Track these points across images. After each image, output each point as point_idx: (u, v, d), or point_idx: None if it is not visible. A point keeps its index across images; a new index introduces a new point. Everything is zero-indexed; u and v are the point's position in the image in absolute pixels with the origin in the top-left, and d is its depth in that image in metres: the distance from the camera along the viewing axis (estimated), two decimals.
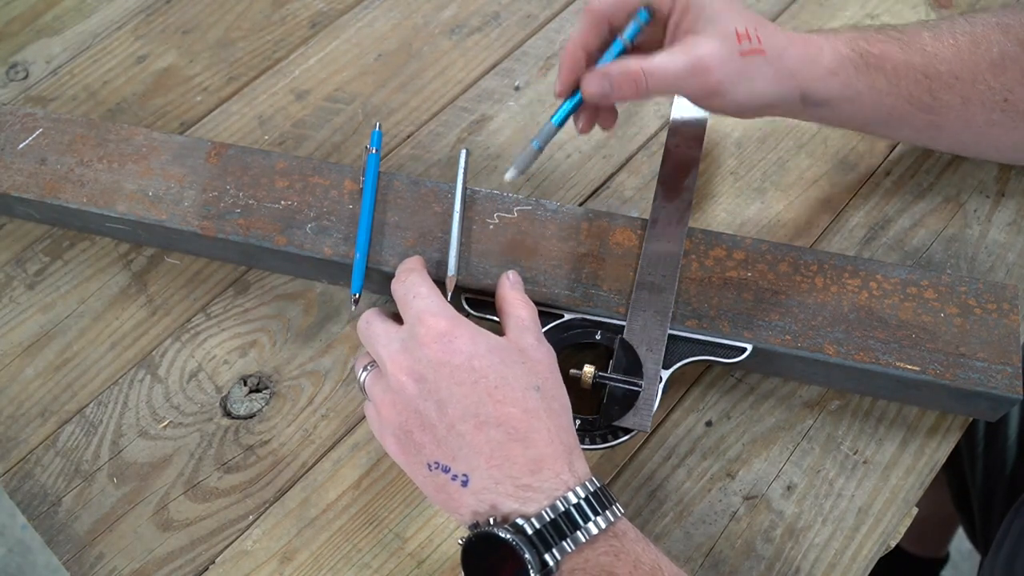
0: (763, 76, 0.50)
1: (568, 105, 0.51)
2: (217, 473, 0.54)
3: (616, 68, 0.49)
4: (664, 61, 0.49)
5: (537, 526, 0.40)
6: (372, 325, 0.48)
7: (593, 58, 0.51)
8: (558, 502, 0.41)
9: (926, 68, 0.53)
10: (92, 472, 0.54)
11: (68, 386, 0.57)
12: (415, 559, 0.51)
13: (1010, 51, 0.53)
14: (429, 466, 0.44)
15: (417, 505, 0.53)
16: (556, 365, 0.47)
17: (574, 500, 0.41)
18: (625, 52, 0.50)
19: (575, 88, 0.51)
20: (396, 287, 0.49)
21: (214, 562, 0.51)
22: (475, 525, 0.42)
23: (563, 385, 0.47)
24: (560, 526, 0.41)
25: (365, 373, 0.48)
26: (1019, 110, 0.54)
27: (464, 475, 0.43)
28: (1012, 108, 0.54)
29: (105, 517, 0.53)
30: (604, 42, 0.51)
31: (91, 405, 0.56)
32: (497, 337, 0.46)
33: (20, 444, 0.55)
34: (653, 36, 0.52)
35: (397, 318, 0.48)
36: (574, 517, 0.41)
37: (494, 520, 0.42)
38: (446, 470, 0.43)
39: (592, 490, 0.42)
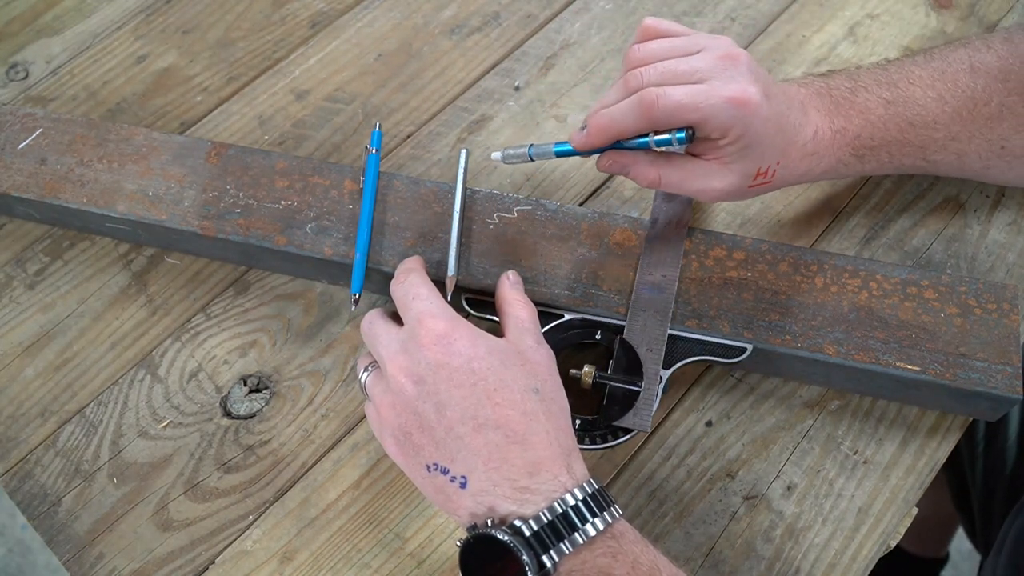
0: (754, 194, 0.53)
1: (575, 151, 0.52)
2: (217, 473, 0.54)
3: (639, 167, 0.51)
4: (682, 180, 0.51)
5: (535, 528, 0.41)
6: (374, 325, 0.48)
7: (621, 139, 0.50)
8: (556, 504, 0.41)
9: (923, 141, 0.54)
10: (92, 472, 0.54)
11: (68, 386, 0.57)
12: (415, 559, 0.51)
13: (1008, 102, 0.53)
14: (428, 467, 0.44)
15: (417, 505, 0.53)
16: (555, 367, 0.47)
17: (572, 502, 0.41)
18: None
19: (591, 151, 0.51)
20: (395, 288, 0.49)
21: (214, 562, 0.51)
22: (473, 527, 0.42)
23: (562, 387, 0.47)
24: (558, 528, 0.41)
25: (366, 373, 0.48)
26: (1015, 155, 0.55)
27: (463, 477, 0.43)
28: (1008, 154, 0.55)
29: (105, 517, 0.53)
30: (640, 134, 0.50)
31: (91, 405, 0.56)
32: (496, 339, 0.46)
33: (20, 444, 0.55)
34: None
35: (400, 319, 0.48)
36: (572, 519, 0.41)
37: (492, 522, 0.42)
38: (444, 472, 0.43)
39: (590, 492, 0.42)
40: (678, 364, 0.52)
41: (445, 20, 0.72)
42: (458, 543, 0.43)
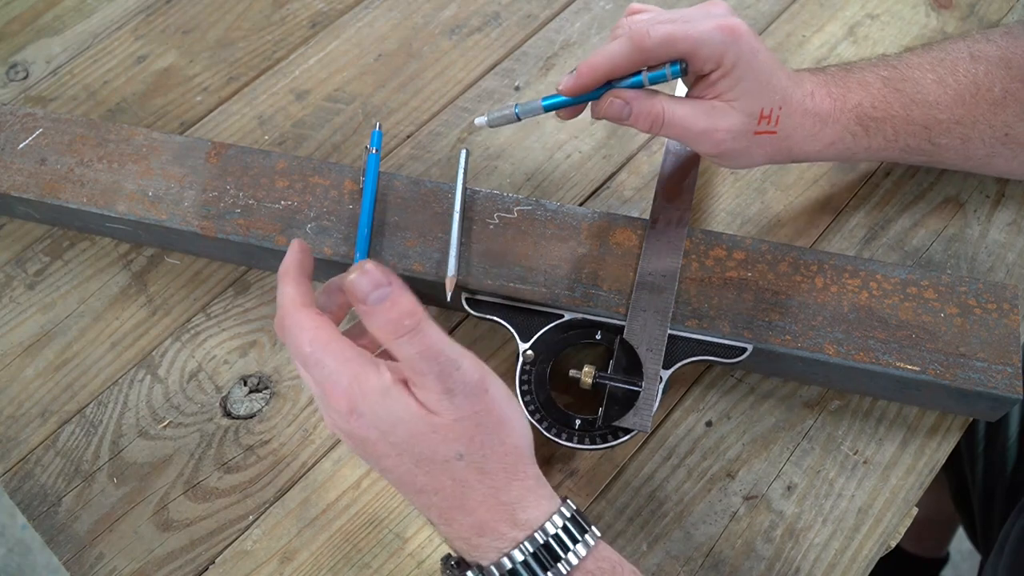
0: (763, 152, 0.52)
1: (566, 100, 0.51)
2: (217, 473, 0.54)
3: (640, 102, 0.49)
4: (686, 117, 0.49)
5: (496, 574, 0.40)
6: (296, 359, 0.42)
7: (613, 79, 0.50)
8: (504, 560, 0.40)
9: (927, 120, 0.54)
10: (92, 472, 0.54)
11: (68, 386, 0.57)
12: (415, 559, 0.51)
13: (1011, 88, 0.53)
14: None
15: None
16: (484, 405, 0.40)
17: (520, 558, 0.40)
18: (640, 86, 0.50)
19: (582, 95, 0.50)
20: (282, 334, 0.42)
21: (214, 562, 0.51)
22: (447, 556, 0.43)
23: (498, 424, 0.41)
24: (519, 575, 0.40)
25: None
26: (1019, 143, 0.55)
27: (428, 518, 0.43)
28: (1013, 141, 0.54)
29: (105, 517, 0.53)
30: (632, 71, 0.50)
31: (91, 405, 0.56)
32: (399, 407, 0.40)
33: (20, 444, 0.55)
34: None
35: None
36: (528, 570, 0.40)
37: (456, 561, 0.42)
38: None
39: (542, 542, 0.40)
40: (678, 364, 0.52)
41: (445, 20, 0.72)
42: (442, 560, 0.44)
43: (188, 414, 0.56)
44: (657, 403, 0.50)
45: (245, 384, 0.57)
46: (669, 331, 0.52)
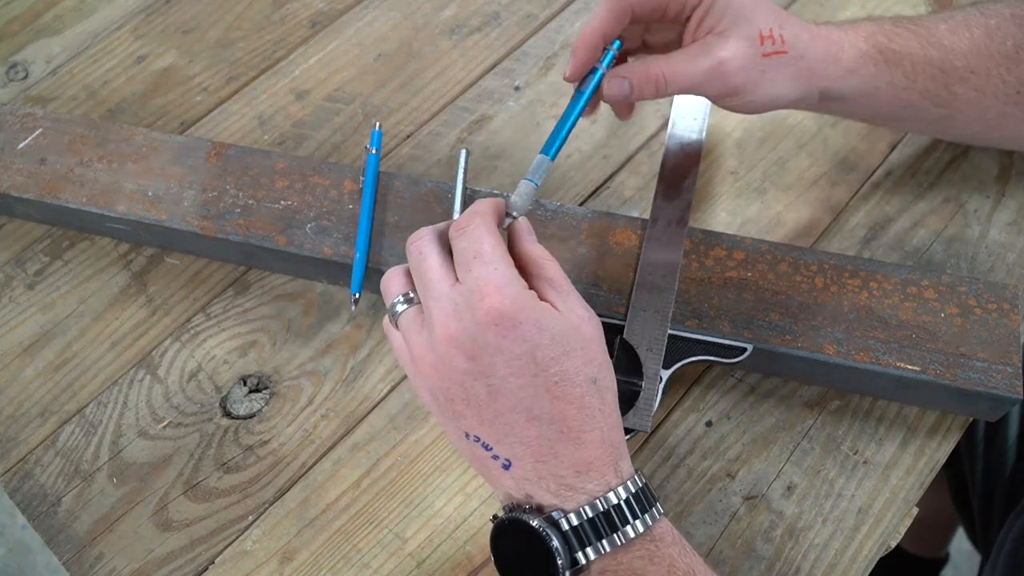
0: (783, 77, 0.49)
1: (563, 130, 0.49)
2: (217, 473, 0.54)
3: (635, 71, 0.48)
4: (684, 64, 0.48)
5: (575, 523, 0.40)
6: (425, 260, 0.42)
7: (606, 45, 0.50)
8: (598, 502, 0.40)
9: (943, 63, 0.53)
10: (92, 472, 0.54)
11: (68, 386, 0.57)
12: (415, 559, 0.51)
13: None
14: (467, 435, 0.42)
15: (417, 505, 0.53)
16: (603, 335, 0.43)
17: (614, 501, 0.40)
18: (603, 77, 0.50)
19: (585, 75, 0.50)
20: (456, 236, 0.42)
21: (214, 562, 0.51)
22: (510, 507, 0.42)
23: (610, 362, 0.43)
24: (597, 527, 0.40)
25: (404, 306, 0.43)
26: None
27: (506, 459, 0.41)
28: None
29: (105, 517, 0.53)
30: (623, 32, 0.50)
31: (91, 405, 0.56)
32: (558, 318, 0.41)
33: (20, 444, 0.55)
34: (669, 34, 0.51)
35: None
36: (613, 519, 0.40)
37: (529, 507, 0.41)
38: (487, 448, 0.41)
39: (634, 491, 0.41)
40: (678, 364, 0.52)
41: (445, 20, 0.72)
42: (492, 519, 0.42)
43: (188, 414, 0.56)
44: (657, 403, 0.50)
45: (245, 384, 0.57)
46: (669, 331, 0.52)
